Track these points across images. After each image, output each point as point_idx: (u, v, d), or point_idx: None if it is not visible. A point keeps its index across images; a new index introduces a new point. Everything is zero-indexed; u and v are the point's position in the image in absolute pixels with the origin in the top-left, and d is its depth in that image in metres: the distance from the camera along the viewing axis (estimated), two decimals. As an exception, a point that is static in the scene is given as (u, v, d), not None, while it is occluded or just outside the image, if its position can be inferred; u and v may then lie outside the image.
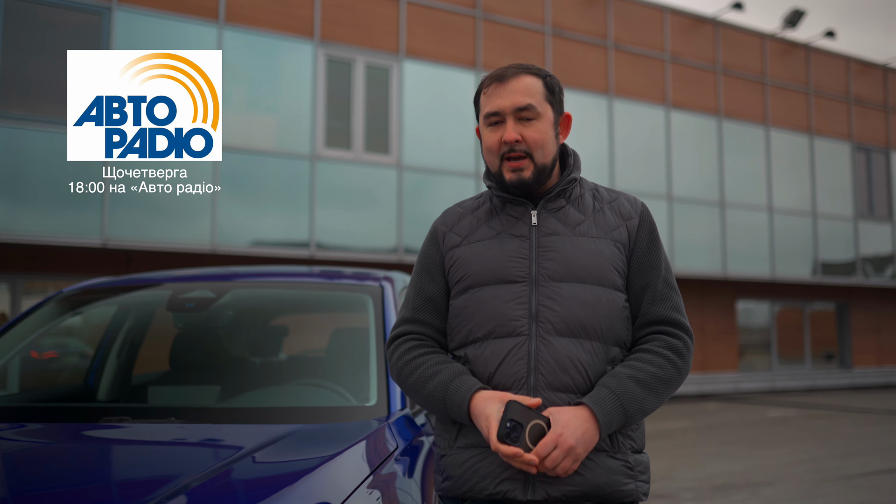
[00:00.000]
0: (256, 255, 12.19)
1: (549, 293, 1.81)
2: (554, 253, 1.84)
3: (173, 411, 2.40)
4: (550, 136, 1.90)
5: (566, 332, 1.79)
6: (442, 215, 2.06)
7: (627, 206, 1.95)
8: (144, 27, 11.54)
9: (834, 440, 10.70)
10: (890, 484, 7.49)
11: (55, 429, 2.33)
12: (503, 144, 1.87)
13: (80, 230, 10.90)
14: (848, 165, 20.17)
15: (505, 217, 1.93)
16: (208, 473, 1.78)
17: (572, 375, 1.77)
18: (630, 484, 1.79)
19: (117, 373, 3.61)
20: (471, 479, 1.80)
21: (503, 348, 1.80)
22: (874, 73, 21.11)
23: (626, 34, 16.75)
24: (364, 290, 3.04)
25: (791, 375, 20.13)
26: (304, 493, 1.73)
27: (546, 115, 1.90)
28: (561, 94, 1.96)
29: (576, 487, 1.74)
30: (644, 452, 1.87)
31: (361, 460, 2.03)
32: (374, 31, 13.64)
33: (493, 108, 1.89)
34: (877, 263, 20.63)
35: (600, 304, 1.82)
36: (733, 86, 18.20)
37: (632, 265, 1.90)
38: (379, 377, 2.59)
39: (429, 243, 2.03)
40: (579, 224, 1.89)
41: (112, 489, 1.78)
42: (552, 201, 1.92)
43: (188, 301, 3.01)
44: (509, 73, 1.91)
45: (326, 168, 12.85)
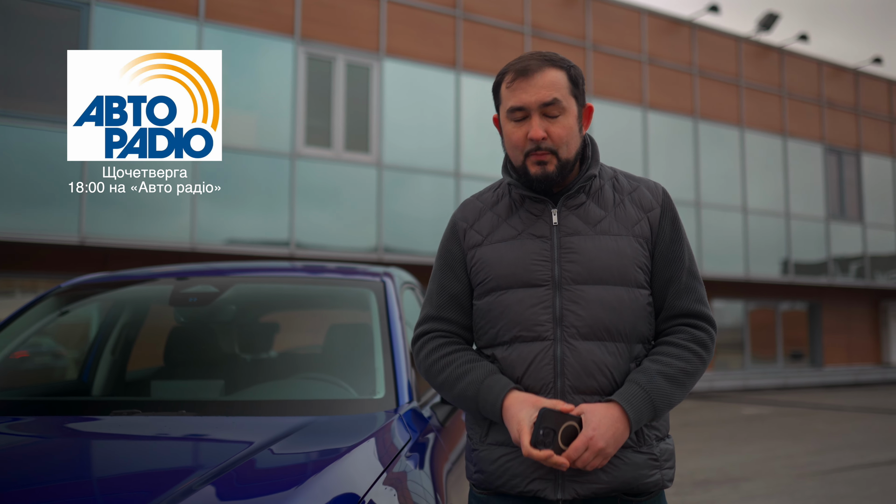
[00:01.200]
0: (235, 254, 12.14)
1: (572, 296, 1.81)
2: (576, 254, 1.84)
3: (183, 404, 2.42)
4: (575, 130, 1.87)
5: (590, 335, 1.80)
6: (461, 208, 2.03)
7: (648, 195, 1.93)
8: (124, 23, 11.46)
9: (808, 437, 10.87)
10: (865, 478, 7.63)
11: (67, 422, 2.33)
12: (529, 141, 1.84)
13: (58, 228, 10.79)
14: (820, 167, 20.46)
15: (525, 214, 1.91)
16: (232, 463, 1.80)
17: (598, 379, 1.79)
18: (655, 475, 1.82)
19: (112, 368, 3.60)
20: (503, 476, 1.83)
21: (530, 353, 1.81)
22: (846, 76, 21.43)
23: (605, 35, 16.88)
24: (366, 286, 3.07)
25: (763, 374, 20.38)
26: (329, 482, 1.75)
27: (571, 109, 1.86)
28: (583, 84, 1.93)
29: (603, 485, 1.77)
30: (669, 437, 1.89)
31: (380, 451, 2.05)
32: (354, 30, 13.63)
33: (517, 102, 1.84)
34: (847, 264, 20.95)
35: (624, 306, 1.82)
36: (709, 87, 18.40)
37: (656, 258, 1.89)
38: (386, 371, 2.62)
39: (449, 238, 2.00)
40: (600, 221, 1.88)
41: (141, 479, 1.80)
42: (572, 198, 1.90)
43: (191, 296, 3.01)
44: (533, 65, 1.84)
45: (306, 166, 12.82)
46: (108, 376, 3.56)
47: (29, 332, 3.18)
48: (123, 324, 3.65)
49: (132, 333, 3.68)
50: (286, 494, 1.66)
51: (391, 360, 2.66)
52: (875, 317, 22.99)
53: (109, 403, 2.66)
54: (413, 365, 2.77)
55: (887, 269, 21.80)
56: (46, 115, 10.91)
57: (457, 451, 2.88)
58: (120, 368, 3.61)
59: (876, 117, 21.93)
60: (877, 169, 21.77)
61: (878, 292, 22.74)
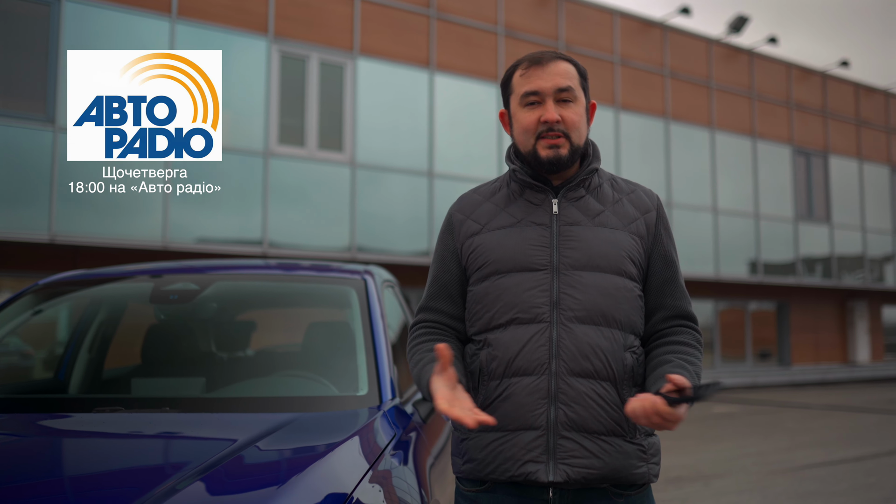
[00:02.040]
0: (208, 252, 12.06)
1: (570, 281, 1.85)
2: (575, 242, 1.88)
3: (166, 401, 2.41)
4: (585, 120, 1.94)
5: (587, 319, 1.83)
6: (458, 201, 2.06)
7: (645, 199, 1.99)
8: (95, 19, 11.34)
9: (778, 434, 11.02)
10: (833, 475, 7.75)
11: (49, 419, 2.32)
12: (542, 124, 1.89)
13: (28, 225, 10.65)
14: (788, 168, 20.73)
15: (524, 203, 1.95)
16: (219, 459, 1.80)
17: (592, 362, 1.82)
18: (643, 467, 1.85)
19: (89, 366, 3.57)
20: (494, 462, 1.84)
21: (525, 334, 1.84)
22: (814, 79, 21.73)
23: (577, 36, 16.98)
24: (347, 283, 3.07)
25: (733, 373, 20.61)
26: (317, 479, 1.76)
27: (581, 99, 1.93)
28: (588, 82, 2.01)
29: (594, 470, 1.79)
30: (656, 435, 1.93)
31: (366, 447, 2.06)
32: (328, 29, 13.60)
33: (532, 87, 1.90)
34: (815, 264, 21.24)
35: (619, 293, 1.86)
36: (680, 89, 18.57)
37: (653, 259, 1.95)
38: (369, 368, 2.63)
39: (444, 230, 2.04)
40: (599, 214, 1.93)
41: (128, 476, 1.79)
42: (573, 190, 1.94)
43: (172, 293, 3.00)
44: (546, 56, 1.93)
45: (279, 165, 12.77)
46: (85, 374, 3.54)
47: (6, 329, 3.16)
48: (101, 321, 3.62)
49: (109, 331, 3.65)
50: (276, 490, 1.66)
51: (374, 357, 2.67)
52: (842, 316, 23.34)
53: (92, 401, 2.64)
54: (395, 362, 2.79)
55: (854, 269, 22.14)
56: (16, 111, 10.77)
57: (438, 446, 2.90)
58: (97, 366, 3.58)
59: (843, 119, 22.26)
60: (844, 170, 22.10)
61: (845, 292, 23.09)
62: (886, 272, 23.00)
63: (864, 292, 23.44)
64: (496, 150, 15.06)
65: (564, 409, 1.80)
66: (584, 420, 1.80)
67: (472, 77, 15.09)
